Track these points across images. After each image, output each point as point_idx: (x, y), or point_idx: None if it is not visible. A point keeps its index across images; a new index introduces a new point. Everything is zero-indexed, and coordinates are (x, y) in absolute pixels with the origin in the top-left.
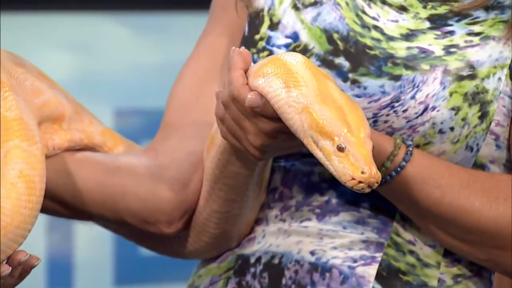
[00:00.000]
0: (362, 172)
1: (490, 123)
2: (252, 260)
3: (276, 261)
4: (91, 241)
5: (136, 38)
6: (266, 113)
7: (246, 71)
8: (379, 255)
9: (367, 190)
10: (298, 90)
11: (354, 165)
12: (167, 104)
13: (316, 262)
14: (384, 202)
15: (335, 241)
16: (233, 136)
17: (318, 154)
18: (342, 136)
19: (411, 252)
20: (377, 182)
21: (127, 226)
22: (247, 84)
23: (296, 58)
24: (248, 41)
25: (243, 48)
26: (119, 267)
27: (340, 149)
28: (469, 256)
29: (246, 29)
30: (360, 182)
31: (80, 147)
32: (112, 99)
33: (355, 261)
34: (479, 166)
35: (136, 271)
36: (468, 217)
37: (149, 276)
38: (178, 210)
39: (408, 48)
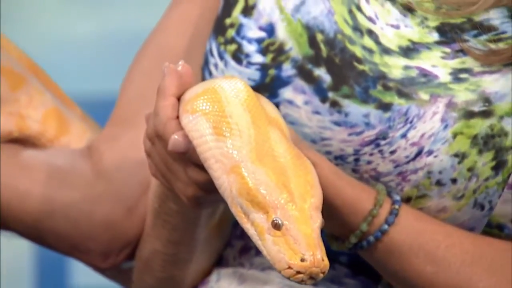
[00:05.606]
0: (302, 260)
1: (509, 176)
2: None
3: None
4: (7, 270)
5: (65, 4)
6: (196, 161)
7: (180, 97)
8: None
9: (309, 282)
10: (230, 140)
11: (292, 248)
12: (121, 92)
13: None
14: None
15: None
16: (162, 177)
17: (249, 230)
18: (279, 209)
19: None
20: (322, 272)
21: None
22: (177, 117)
23: (235, 92)
24: (219, 25)
25: (182, 62)
26: None
27: (276, 226)
28: None
29: (221, 4)
30: (298, 272)
31: (8, 139)
32: None
33: None
34: (496, 226)
35: None
36: None
37: None
38: (117, 241)
39: (406, 67)
